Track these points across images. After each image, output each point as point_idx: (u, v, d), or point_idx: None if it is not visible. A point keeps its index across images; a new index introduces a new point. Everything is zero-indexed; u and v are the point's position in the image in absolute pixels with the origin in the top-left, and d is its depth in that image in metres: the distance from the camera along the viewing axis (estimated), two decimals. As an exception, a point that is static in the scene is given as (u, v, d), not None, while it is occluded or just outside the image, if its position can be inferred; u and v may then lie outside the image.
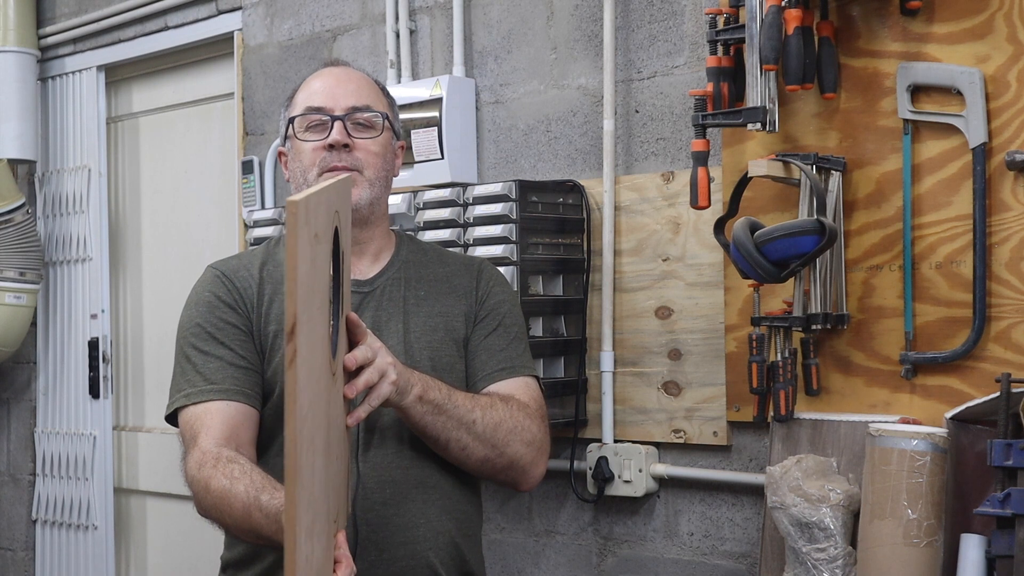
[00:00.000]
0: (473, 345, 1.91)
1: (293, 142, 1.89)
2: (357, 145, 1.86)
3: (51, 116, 4.19)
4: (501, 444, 1.81)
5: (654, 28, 2.63)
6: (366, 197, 1.86)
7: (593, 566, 2.73)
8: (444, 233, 2.65)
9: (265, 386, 1.84)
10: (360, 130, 1.87)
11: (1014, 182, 2.10)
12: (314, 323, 1.34)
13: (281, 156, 1.96)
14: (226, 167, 3.70)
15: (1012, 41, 2.09)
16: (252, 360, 1.84)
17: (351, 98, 1.88)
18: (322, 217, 1.36)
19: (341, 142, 1.84)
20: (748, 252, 2.16)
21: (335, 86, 1.89)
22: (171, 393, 1.86)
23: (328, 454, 1.44)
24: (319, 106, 1.87)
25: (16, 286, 4.03)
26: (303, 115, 1.87)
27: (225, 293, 1.88)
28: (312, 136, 1.86)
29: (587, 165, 2.75)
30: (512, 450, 1.83)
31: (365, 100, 1.89)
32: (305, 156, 1.86)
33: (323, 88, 1.89)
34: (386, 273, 1.91)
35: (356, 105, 1.87)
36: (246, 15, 3.53)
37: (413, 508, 1.81)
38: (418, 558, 1.81)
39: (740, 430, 2.49)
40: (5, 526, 4.35)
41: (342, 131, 1.85)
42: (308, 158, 1.86)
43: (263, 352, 1.85)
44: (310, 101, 1.88)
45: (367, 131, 1.88)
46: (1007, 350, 2.10)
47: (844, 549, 2.10)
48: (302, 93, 1.92)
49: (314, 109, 1.87)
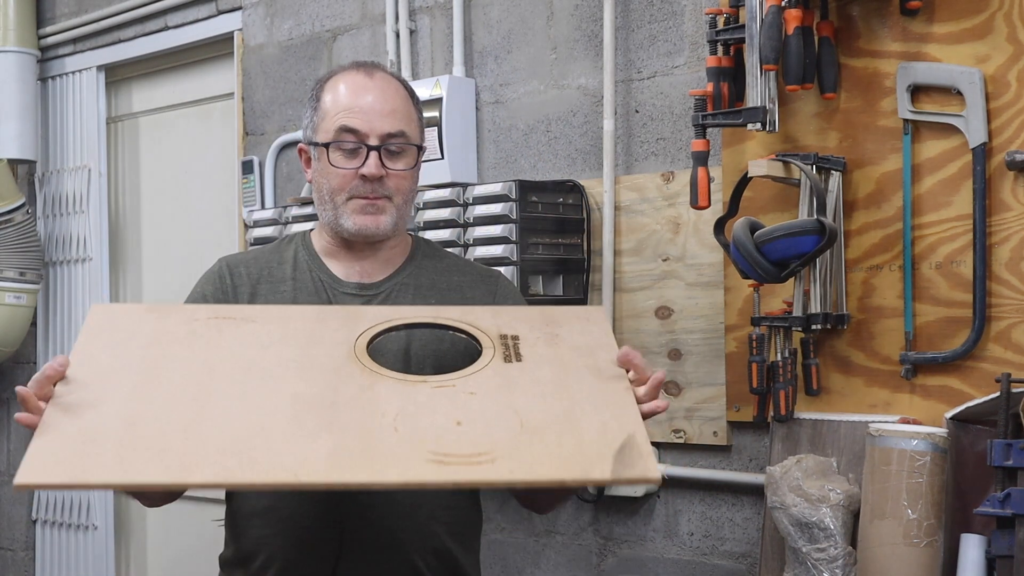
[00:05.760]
0: None
1: (322, 157, 1.85)
2: (389, 175, 1.84)
3: (51, 116, 4.19)
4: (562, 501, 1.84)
5: (654, 28, 2.63)
6: (392, 223, 1.84)
7: (593, 566, 2.73)
8: (444, 233, 2.66)
9: None
10: (394, 159, 1.83)
11: (1014, 182, 2.10)
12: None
13: (301, 152, 1.92)
14: (226, 167, 3.70)
15: (1012, 41, 2.09)
16: None
17: (387, 123, 1.82)
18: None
19: (376, 175, 1.82)
20: (748, 252, 2.16)
21: (371, 105, 1.83)
22: None
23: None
24: (354, 128, 1.83)
25: (16, 286, 4.04)
26: (337, 141, 1.83)
27: (214, 290, 1.88)
28: (344, 162, 1.82)
29: (587, 165, 2.75)
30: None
31: (400, 125, 1.84)
32: (335, 180, 1.83)
33: (358, 106, 1.83)
34: (395, 278, 1.89)
35: (391, 132, 1.83)
36: (246, 15, 3.53)
37: (398, 511, 1.80)
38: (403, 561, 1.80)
39: (740, 430, 2.49)
40: (5, 526, 4.36)
41: (378, 164, 1.81)
42: (338, 183, 1.83)
43: None
44: (344, 120, 1.82)
45: (401, 160, 1.84)
46: (1007, 350, 2.10)
47: (844, 549, 2.10)
48: (330, 96, 1.86)
49: (348, 131, 1.83)
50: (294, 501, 1.79)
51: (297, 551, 1.78)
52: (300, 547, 1.78)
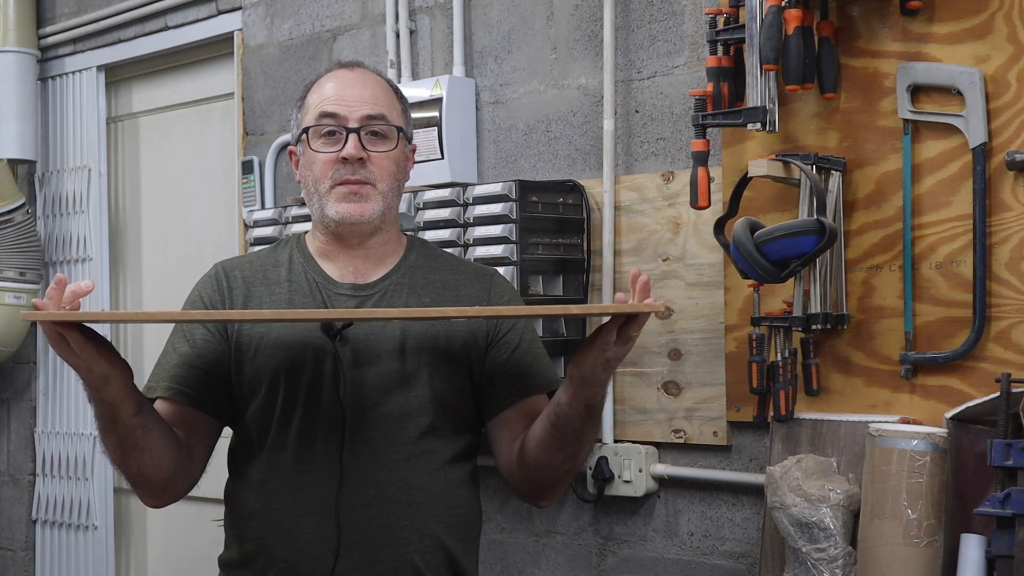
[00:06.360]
0: (497, 362, 1.88)
1: (305, 149, 1.87)
2: (371, 158, 1.83)
3: (51, 116, 4.19)
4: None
5: (654, 28, 2.63)
6: (378, 211, 1.84)
7: (593, 566, 2.73)
8: (444, 233, 2.66)
9: (246, 387, 1.84)
10: (375, 142, 1.84)
11: (1014, 182, 2.10)
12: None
13: (291, 155, 1.93)
14: (226, 167, 3.70)
15: (1012, 41, 2.09)
16: (210, 361, 1.84)
17: (366, 107, 1.84)
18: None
19: (356, 156, 1.81)
20: (748, 252, 2.16)
21: (350, 92, 1.85)
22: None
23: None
24: (333, 112, 1.84)
25: (16, 286, 4.03)
26: (316, 125, 1.85)
27: (210, 295, 1.89)
28: (325, 147, 1.83)
29: (587, 165, 2.75)
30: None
31: (380, 109, 1.85)
32: (317, 167, 1.84)
33: (338, 94, 1.85)
34: (389, 278, 1.89)
35: (371, 115, 1.83)
36: (246, 15, 3.53)
37: (397, 509, 1.80)
38: (401, 559, 1.80)
39: (740, 430, 2.49)
40: (5, 526, 4.35)
41: (357, 145, 1.81)
42: (320, 169, 1.83)
43: (239, 353, 1.85)
44: (324, 107, 1.84)
45: (382, 143, 1.84)
46: (1007, 350, 2.10)
47: (844, 549, 2.10)
48: (315, 94, 1.88)
49: (328, 115, 1.84)
50: (293, 501, 1.80)
51: (296, 551, 1.78)
52: (299, 547, 1.78)
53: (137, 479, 1.78)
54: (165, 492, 1.82)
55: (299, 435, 1.80)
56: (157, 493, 1.82)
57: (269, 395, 1.82)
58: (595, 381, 1.67)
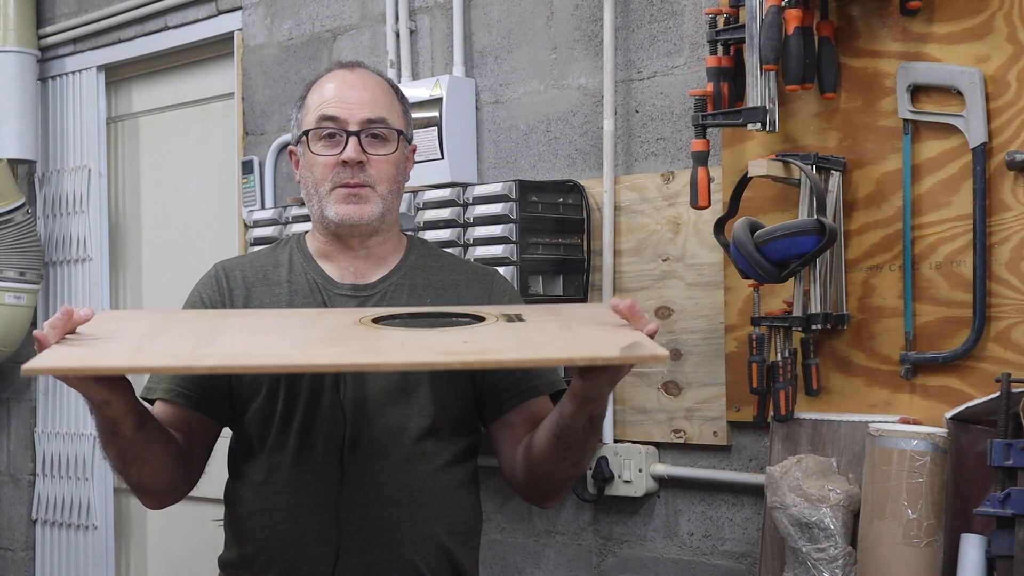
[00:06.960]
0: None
1: (305, 150, 1.86)
2: (371, 161, 1.83)
3: (51, 116, 4.19)
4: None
5: (654, 28, 2.63)
6: (377, 213, 1.84)
7: (593, 566, 2.73)
8: (444, 233, 2.66)
9: (246, 389, 1.84)
10: (374, 144, 1.84)
11: (1014, 182, 2.10)
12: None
13: (291, 155, 1.93)
14: (226, 167, 3.69)
15: (1012, 41, 2.09)
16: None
17: (366, 110, 1.83)
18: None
19: (356, 160, 1.81)
20: (748, 252, 2.16)
21: (350, 94, 1.85)
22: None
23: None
24: (333, 115, 1.84)
25: (16, 286, 4.03)
26: (316, 128, 1.84)
27: (210, 295, 1.89)
28: (325, 149, 1.83)
29: (587, 165, 2.75)
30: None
31: (380, 112, 1.85)
32: (317, 169, 1.84)
33: (338, 96, 1.85)
34: (390, 279, 1.89)
35: (371, 118, 1.83)
36: (246, 15, 3.53)
37: (397, 510, 1.80)
38: (402, 560, 1.80)
39: (740, 430, 2.49)
40: (5, 526, 4.35)
41: (357, 148, 1.81)
42: (320, 172, 1.83)
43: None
44: (324, 109, 1.84)
45: (381, 146, 1.84)
46: (1007, 350, 2.10)
47: (844, 549, 2.10)
48: (315, 95, 1.88)
49: (328, 118, 1.84)
50: (293, 502, 1.80)
51: (296, 551, 1.78)
52: (300, 548, 1.78)
53: (138, 486, 1.78)
54: (165, 496, 1.82)
55: (299, 436, 1.80)
56: (158, 498, 1.83)
57: (269, 397, 1.82)
58: (600, 396, 1.67)
